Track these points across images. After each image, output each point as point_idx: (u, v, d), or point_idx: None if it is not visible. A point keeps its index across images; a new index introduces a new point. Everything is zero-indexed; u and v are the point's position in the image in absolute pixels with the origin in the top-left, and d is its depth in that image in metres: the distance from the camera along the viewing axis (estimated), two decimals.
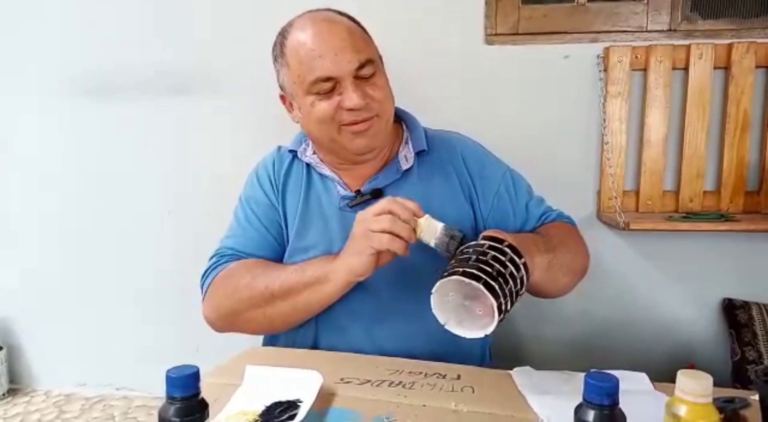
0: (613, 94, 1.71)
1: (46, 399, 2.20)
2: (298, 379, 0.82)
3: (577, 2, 1.77)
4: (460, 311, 0.81)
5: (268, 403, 0.77)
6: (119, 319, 2.18)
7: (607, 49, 1.71)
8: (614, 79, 1.70)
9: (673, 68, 1.68)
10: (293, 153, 1.19)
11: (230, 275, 1.08)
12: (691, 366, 1.52)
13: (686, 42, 1.68)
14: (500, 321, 0.76)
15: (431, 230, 0.89)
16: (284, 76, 1.08)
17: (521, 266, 0.80)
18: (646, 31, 1.73)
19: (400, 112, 1.21)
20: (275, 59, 1.10)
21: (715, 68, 1.66)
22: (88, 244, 2.15)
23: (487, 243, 0.80)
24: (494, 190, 1.14)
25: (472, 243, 0.82)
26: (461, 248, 0.83)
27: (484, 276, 0.74)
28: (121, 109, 2.03)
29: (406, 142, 1.16)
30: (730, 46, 1.65)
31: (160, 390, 0.60)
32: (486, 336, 1.19)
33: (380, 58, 1.12)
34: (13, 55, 2.09)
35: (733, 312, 1.71)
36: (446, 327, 0.81)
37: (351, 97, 1.00)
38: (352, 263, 0.95)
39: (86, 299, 2.19)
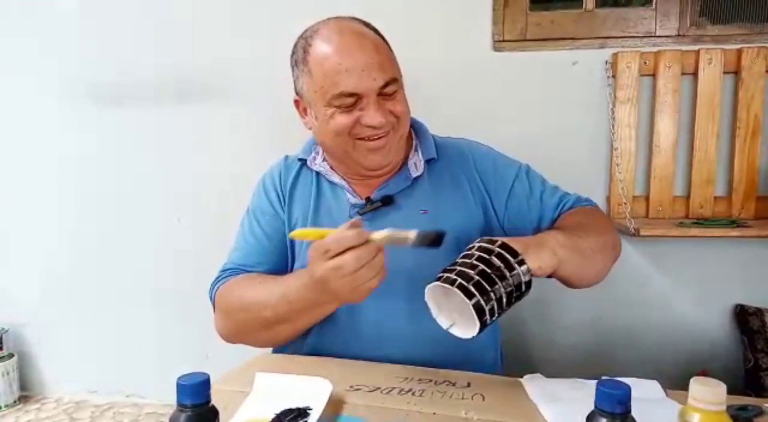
0: (621, 100, 1.70)
1: (57, 406, 2.21)
2: (308, 386, 0.82)
3: (585, 8, 1.77)
4: (458, 309, 0.80)
5: (278, 410, 0.77)
6: (129, 327, 2.19)
7: (615, 54, 1.70)
8: (623, 85, 1.70)
9: (682, 73, 1.68)
10: (302, 161, 1.19)
11: (227, 294, 1.09)
12: (704, 373, 1.50)
13: (695, 47, 1.68)
14: (485, 322, 0.75)
15: (401, 239, 0.84)
16: (304, 84, 1.06)
17: (515, 265, 0.78)
18: (655, 37, 1.73)
19: (411, 120, 1.21)
20: (295, 64, 1.08)
21: (724, 73, 1.66)
22: (97, 252, 2.17)
23: (477, 245, 0.80)
24: (508, 189, 1.13)
25: (470, 245, 0.82)
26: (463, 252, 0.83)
27: (460, 280, 0.74)
28: (131, 115, 2.06)
29: (416, 150, 1.16)
30: (739, 50, 1.64)
31: (170, 397, 0.60)
32: (497, 342, 1.19)
33: (400, 73, 1.11)
34: (28, 61, 2.12)
35: (746, 319, 1.69)
36: (450, 330, 0.82)
37: (373, 116, 1.00)
38: (345, 299, 0.92)
39: (96, 307, 2.20)
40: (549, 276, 0.90)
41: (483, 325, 0.76)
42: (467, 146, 1.20)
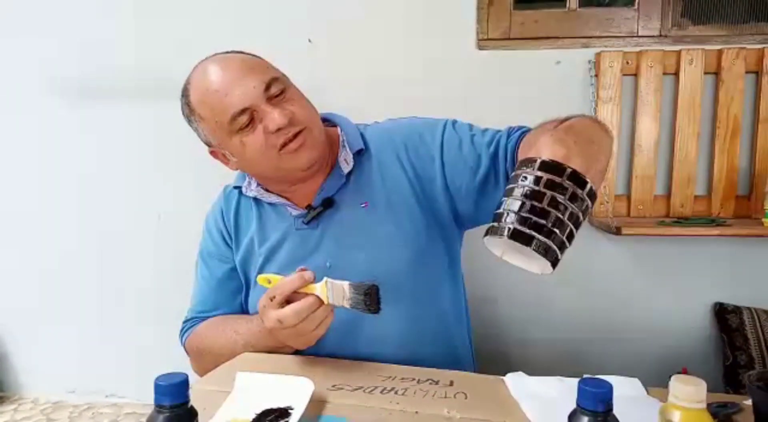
0: (604, 99, 1.71)
1: (34, 407, 2.18)
2: (290, 386, 0.82)
3: (569, 8, 1.77)
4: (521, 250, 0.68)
5: (259, 411, 0.76)
6: (108, 325, 2.16)
7: (598, 54, 1.71)
8: (605, 84, 1.71)
9: (664, 73, 1.69)
10: (238, 189, 1.19)
11: (195, 345, 1.15)
12: (684, 371, 1.52)
13: (677, 47, 1.69)
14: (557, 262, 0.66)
15: (338, 293, 0.86)
16: (204, 131, 1.08)
17: (585, 197, 0.66)
18: (637, 37, 1.75)
19: (332, 117, 1.20)
20: (188, 121, 1.10)
21: (705, 73, 1.68)
22: (75, 252, 2.13)
23: (545, 176, 0.65)
24: (438, 147, 1.10)
25: (526, 171, 0.67)
26: (511, 182, 0.68)
27: (536, 236, 0.63)
28: (116, 111, 2.02)
29: (343, 146, 1.14)
30: (720, 51, 1.66)
31: (150, 396, 0.59)
32: (466, 338, 1.21)
33: (285, 76, 1.11)
34: (8, 57, 2.08)
35: (725, 317, 1.71)
36: (503, 257, 0.71)
37: (273, 119, 0.99)
38: (296, 346, 0.97)
39: (74, 306, 2.17)
40: None
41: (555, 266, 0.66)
42: (391, 126, 1.19)
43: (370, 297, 0.84)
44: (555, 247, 0.64)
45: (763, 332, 1.66)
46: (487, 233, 0.67)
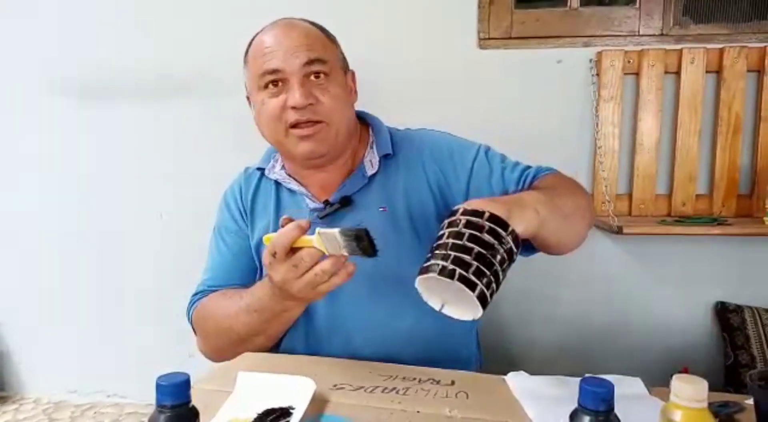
0: (605, 98, 1.71)
1: (36, 406, 2.18)
2: (291, 386, 0.81)
3: (570, 7, 1.77)
4: (452, 292, 0.73)
5: (261, 410, 0.76)
6: (108, 325, 2.16)
7: (599, 53, 1.71)
8: (607, 83, 1.71)
9: (666, 72, 1.69)
10: (261, 171, 1.18)
11: (201, 316, 1.12)
12: (685, 371, 1.52)
13: (678, 46, 1.69)
14: (487, 303, 0.71)
15: (333, 243, 0.83)
16: (246, 77, 1.11)
17: (506, 237, 0.72)
18: (639, 36, 1.74)
19: (365, 116, 1.20)
20: (244, 63, 1.12)
21: (706, 72, 1.68)
22: (76, 251, 2.14)
23: (464, 219, 0.72)
24: (468, 172, 1.09)
25: (450, 219, 0.74)
26: (441, 229, 0.75)
27: (459, 270, 0.68)
28: (116, 111, 2.03)
29: (371, 147, 1.14)
30: (721, 50, 1.66)
31: (152, 396, 0.59)
32: (471, 339, 1.19)
33: (346, 68, 1.12)
34: (7, 57, 2.08)
35: (726, 316, 1.71)
36: (442, 311, 0.76)
37: (294, 95, 1.00)
38: (307, 299, 0.94)
39: (76, 305, 2.17)
40: (525, 242, 0.84)
41: (484, 308, 0.71)
42: (423, 136, 1.18)
43: (363, 241, 0.80)
44: (478, 282, 0.68)
45: (765, 331, 1.65)
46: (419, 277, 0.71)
